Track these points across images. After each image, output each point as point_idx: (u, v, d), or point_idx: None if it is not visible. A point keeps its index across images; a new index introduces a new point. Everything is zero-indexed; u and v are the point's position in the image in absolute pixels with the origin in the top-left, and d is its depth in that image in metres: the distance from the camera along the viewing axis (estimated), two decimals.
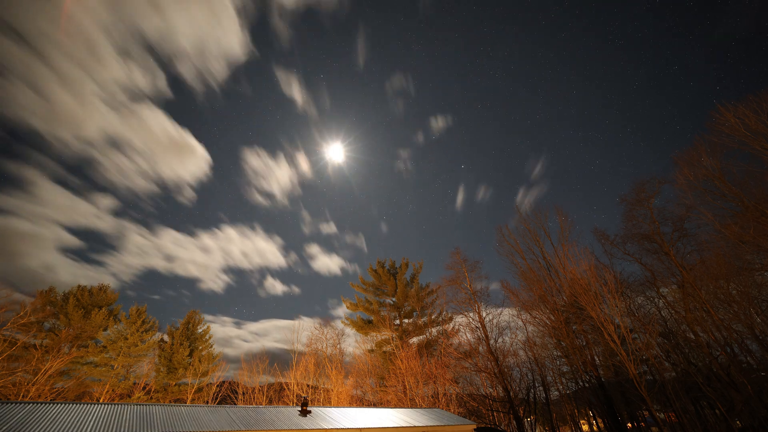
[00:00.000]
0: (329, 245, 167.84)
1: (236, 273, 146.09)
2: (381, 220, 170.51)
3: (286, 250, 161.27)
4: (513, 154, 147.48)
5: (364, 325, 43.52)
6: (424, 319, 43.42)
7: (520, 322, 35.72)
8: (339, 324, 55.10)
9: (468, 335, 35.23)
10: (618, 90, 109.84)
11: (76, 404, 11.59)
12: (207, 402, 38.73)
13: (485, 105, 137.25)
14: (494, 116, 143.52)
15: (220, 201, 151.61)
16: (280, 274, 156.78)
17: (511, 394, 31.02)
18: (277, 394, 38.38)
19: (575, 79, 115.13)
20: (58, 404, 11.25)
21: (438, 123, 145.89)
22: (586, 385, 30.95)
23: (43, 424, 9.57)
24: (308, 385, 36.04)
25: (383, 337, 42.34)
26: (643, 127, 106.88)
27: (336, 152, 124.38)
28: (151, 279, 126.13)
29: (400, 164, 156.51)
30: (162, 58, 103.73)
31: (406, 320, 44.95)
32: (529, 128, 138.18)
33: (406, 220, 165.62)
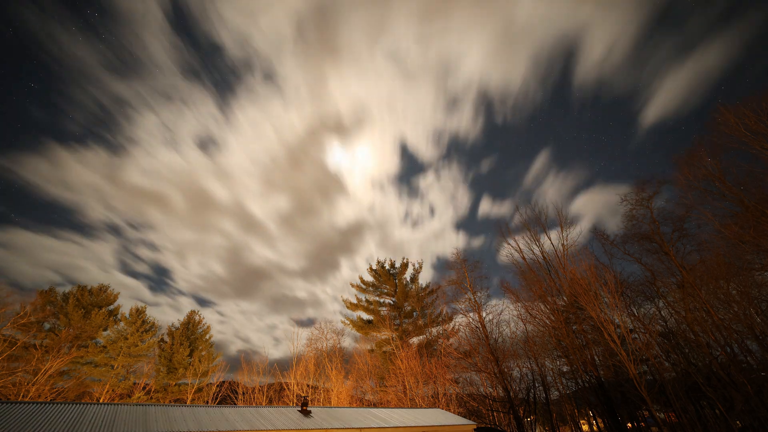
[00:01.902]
0: None
1: None
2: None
3: None
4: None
5: (364, 325, 43.52)
6: (424, 319, 43.42)
7: (520, 323, 35.74)
8: (339, 324, 55.12)
9: (468, 335, 35.25)
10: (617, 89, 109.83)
11: (76, 404, 11.59)
12: (207, 402, 38.74)
13: None
14: None
15: None
16: None
17: (511, 394, 31.01)
18: (277, 394, 38.37)
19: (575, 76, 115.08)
20: (58, 404, 11.25)
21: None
22: (586, 385, 30.93)
23: (43, 424, 9.57)
24: (308, 385, 36.02)
25: (383, 337, 42.34)
26: (644, 126, 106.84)
27: None
28: None
29: None
30: None
31: (406, 320, 44.96)
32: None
33: None
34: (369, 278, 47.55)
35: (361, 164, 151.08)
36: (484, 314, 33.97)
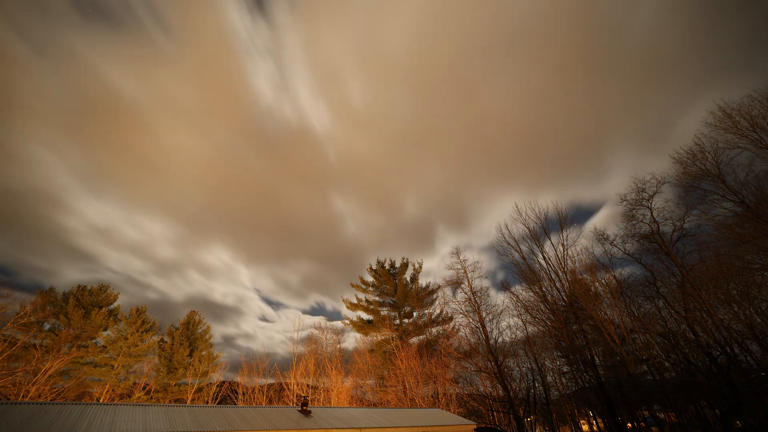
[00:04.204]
0: None
1: None
2: None
3: None
4: None
5: (364, 326, 43.53)
6: (424, 319, 43.45)
7: (520, 322, 35.75)
8: (339, 324, 55.22)
9: (468, 335, 35.28)
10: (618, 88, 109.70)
11: (76, 404, 11.59)
12: (207, 402, 38.73)
13: None
14: None
15: None
16: None
17: (511, 394, 31.02)
18: (277, 394, 38.37)
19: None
20: (58, 404, 11.26)
21: None
22: (586, 385, 30.94)
23: (43, 424, 9.57)
24: (308, 385, 36.04)
25: (383, 337, 42.35)
26: (644, 126, 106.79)
27: None
28: None
29: None
30: None
31: (406, 320, 44.98)
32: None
33: None
34: (369, 278, 47.60)
35: None
36: (484, 314, 34.02)
